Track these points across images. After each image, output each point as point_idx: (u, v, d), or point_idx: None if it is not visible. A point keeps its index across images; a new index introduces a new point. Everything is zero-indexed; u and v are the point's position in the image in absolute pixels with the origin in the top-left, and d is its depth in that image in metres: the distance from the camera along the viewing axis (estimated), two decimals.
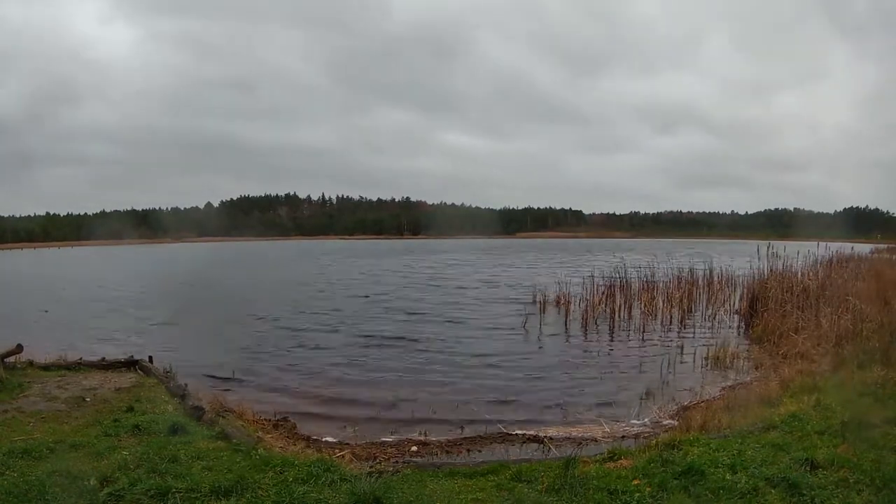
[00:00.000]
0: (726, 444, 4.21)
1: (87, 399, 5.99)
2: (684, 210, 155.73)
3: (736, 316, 13.52)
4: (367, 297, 18.58)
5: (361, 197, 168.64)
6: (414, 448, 5.36)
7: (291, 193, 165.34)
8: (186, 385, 6.44)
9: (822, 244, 17.85)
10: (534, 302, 15.13)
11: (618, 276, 14.46)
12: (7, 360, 6.94)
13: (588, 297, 13.93)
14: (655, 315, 13.53)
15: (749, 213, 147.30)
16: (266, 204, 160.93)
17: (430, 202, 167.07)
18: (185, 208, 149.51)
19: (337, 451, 5.08)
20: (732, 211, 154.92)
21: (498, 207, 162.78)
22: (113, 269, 35.10)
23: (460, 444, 5.52)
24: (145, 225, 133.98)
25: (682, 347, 10.09)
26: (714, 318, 13.26)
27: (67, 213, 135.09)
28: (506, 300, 17.07)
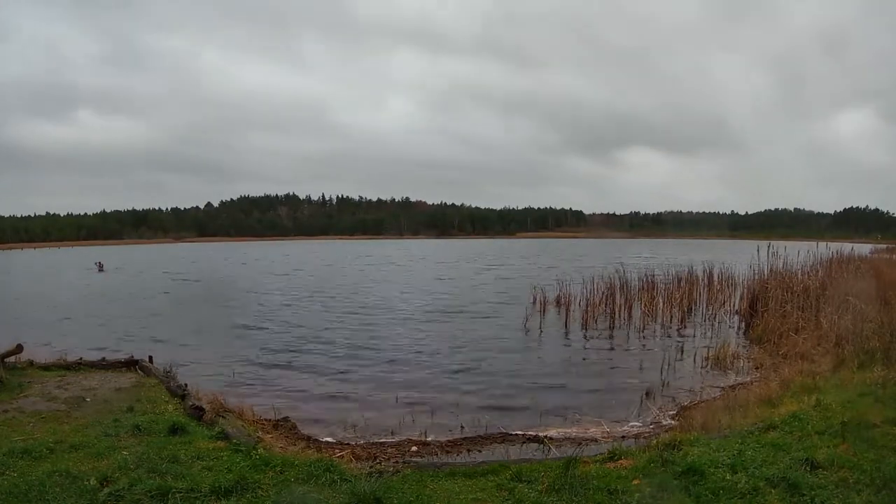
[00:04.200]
0: (726, 444, 4.20)
1: (87, 399, 5.97)
2: (684, 210, 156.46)
3: (736, 316, 13.53)
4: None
5: (361, 197, 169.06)
6: (414, 448, 5.35)
7: (291, 193, 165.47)
8: (186, 385, 6.42)
9: (822, 244, 17.85)
10: (534, 302, 15.13)
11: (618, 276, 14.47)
12: (7, 360, 6.94)
13: (588, 297, 13.92)
14: (655, 315, 13.52)
15: (749, 213, 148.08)
16: (266, 204, 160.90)
17: (429, 202, 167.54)
18: (185, 208, 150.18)
19: (337, 451, 5.08)
20: (732, 211, 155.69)
21: (498, 207, 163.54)
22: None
23: (460, 444, 5.52)
24: (145, 225, 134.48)
25: (682, 348, 10.08)
26: (714, 318, 13.26)
27: (68, 214, 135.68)
28: (506, 299, 17.08)
